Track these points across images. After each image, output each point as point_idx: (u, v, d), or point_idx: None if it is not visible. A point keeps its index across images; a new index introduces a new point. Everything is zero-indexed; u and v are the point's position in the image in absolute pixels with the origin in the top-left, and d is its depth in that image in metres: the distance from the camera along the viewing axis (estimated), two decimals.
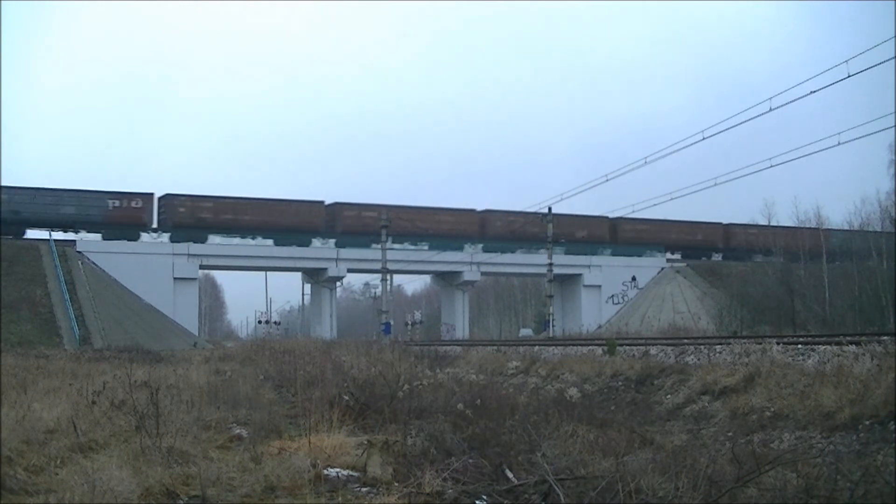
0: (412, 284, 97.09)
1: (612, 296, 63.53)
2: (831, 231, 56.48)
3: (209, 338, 69.73)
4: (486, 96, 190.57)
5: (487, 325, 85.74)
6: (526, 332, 63.31)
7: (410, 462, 7.53)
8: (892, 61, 18.44)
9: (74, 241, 50.55)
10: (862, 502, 5.98)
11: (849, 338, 15.25)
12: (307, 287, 64.41)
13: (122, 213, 51.68)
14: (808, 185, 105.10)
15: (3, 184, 48.11)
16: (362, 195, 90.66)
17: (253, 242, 56.21)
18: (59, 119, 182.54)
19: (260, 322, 64.64)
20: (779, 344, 15.65)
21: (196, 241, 53.38)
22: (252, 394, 13.27)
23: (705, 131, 26.06)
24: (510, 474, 7.08)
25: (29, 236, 51.03)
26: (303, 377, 14.11)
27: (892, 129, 30.38)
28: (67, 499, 5.94)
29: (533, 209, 44.37)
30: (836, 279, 48.85)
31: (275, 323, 66.99)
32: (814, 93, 20.21)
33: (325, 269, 57.63)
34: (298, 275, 64.49)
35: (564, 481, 6.50)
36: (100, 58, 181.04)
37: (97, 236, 51.79)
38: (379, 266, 46.89)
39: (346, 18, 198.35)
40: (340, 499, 6.47)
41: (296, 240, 56.56)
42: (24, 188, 49.80)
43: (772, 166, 27.18)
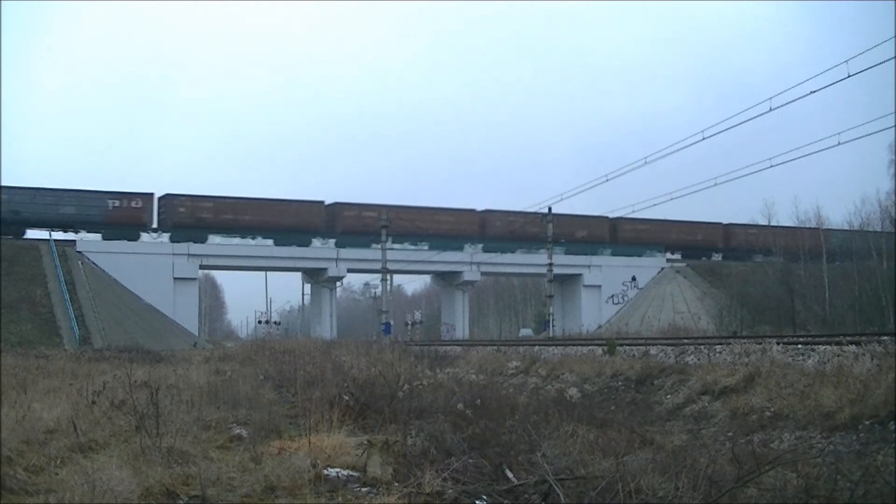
0: (412, 284, 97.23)
1: (612, 296, 63.53)
2: (831, 231, 56.50)
3: (209, 338, 69.71)
4: (486, 96, 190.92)
5: (487, 325, 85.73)
6: (526, 332, 63.30)
7: (410, 462, 7.53)
8: (892, 61, 18.48)
9: (74, 241, 50.53)
10: (862, 502, 5.98)
11: (849, 338, 15.25)
12: (307, 287, 64.44)
13: (122, 214, 51.69)
14: (808, 185, 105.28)
15: (3, 184, 48.19)
16: (362, 195, 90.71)
17: (253, 242, 56.18)
18: (59, 119, 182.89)
19: (260, 322, 64.64)
20: (779, 344, 15.65)
21: (196, 241, 53.38)
22: (252, 394, 13.27)
23: (705, 131, 26.12)
24: (510, 474, 7.07)
25: (29, 236, 51.00)
26: (303, 377, 14.11)
27: (892, 129, 30.40)
28: (67, 499, 5.94)
29: (533, 209, 44.42)
30: (836, 279, 48.85)
31: (275, 323, 66.98)
32: (814, 93, 20.25)
33: (325, 269, 57.61)
34: (298, 275, 64.52)
35: (564, 481, 6.50)
36: (100, 58, 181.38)
37: (97, 236, 51.78)
38: (379, 266, 46.91)
39: (346, 18, 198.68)
40: (340, 499, 6.46)
41: (296, 240, 56.57)
42: (24, 188, 49.83)
43: (772, 166, 27.24)
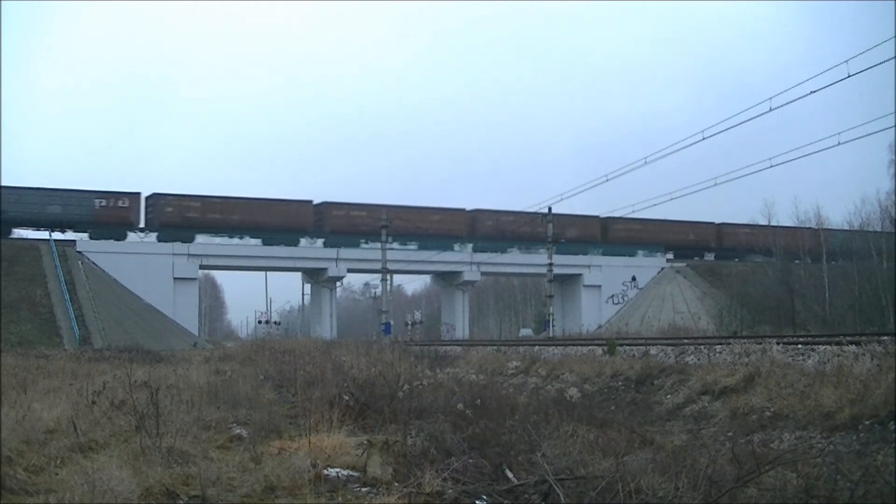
0: (412, 284, 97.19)
1: (612, 296, 63.53)
2: (831, 231, 56.50)
3: (209, 338, 69.72)
4: (486, 96, 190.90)
5: (487, 325, 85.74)
6: (526, 332, 63.30)
7: (410, 462, 7.53)
8: (892, 61, 18.48)
9: (74, 241, 50.44)
10: (862, 502, 5.98)
11: (849, 338, 15.25)
12: (307, 287, 64.43)
13: (108, 213, 51.18)
14: (808, 185, 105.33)
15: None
16: (362, 195, 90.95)
17: (241, 242, 55.78)
18: (59, 119, 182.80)
19: (260, 322, 64.64)
20: (779, 344, 15.65)
21: (184, 241, 52.80)
22: (252, 394, 13.27)
23: (705, 131, 26.13)
24: (510, 474, 7.07)
25: (16, 236, 50.77)
26: (303, 377, 14.11)
27: (892, 129, 30.39)
28: (67, 499, 5.93)
29: (533, 209, 44.43)
30: (836, 279, 48.86)
31: (275, 323, 66.98)
32: (814, 93, 20.27)
33: (325, 269, 57.58)
34: (298, 275, 64.52)
35: (564, 481, 6.50)
36: (100, 58, 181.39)
37: (84, 235, 51.26)
38: (378, 266, 46.91)
39: (346, 18, 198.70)
40: (340, 499, 6.46)
41: (284, 239, 56.10)
42: (9, 188, 48.71)
43: (772, 166, 27.25)
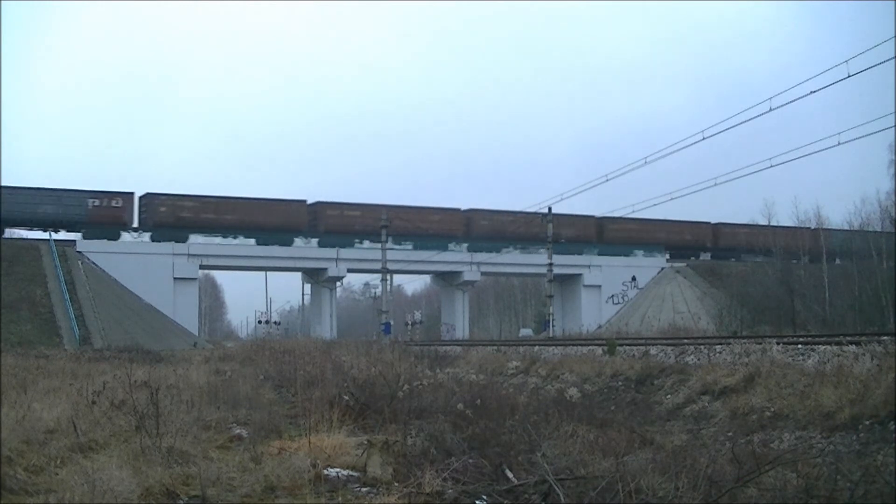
0: (412, 284, 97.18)
1: (612, 296, 63.51)
2: (831, 231, 56.52)
3: (209, 338, 69.72)
4: (486, 96, 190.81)
5: (487, 325, 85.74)
6: (526, 332, 63.29)
7: (410, 462, 7.53)
8: (892, 61, 18.50)
9: (74, 241, 50.42)
10: (862, 502, 5.98)
11: (849, 338, 15.25)
12: (307, 287, 64.42)
13: (102, 213, 51.06)
14: (808, 185, 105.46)
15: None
16: (363, 195, 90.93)
17: (241, 242, 55.68)
18: (59, 119, 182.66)
19: (260, 322, 64.66)
20: (779, 344, 15.65)
21: (178, 241, 52.72)
22: (252, 394, 13.27)
23: (705, 131, 26.16)
24: (510, 474, 7.07)
25: (15, 236, 50.71)
26: (303, 377, 14.10)
27: (892, 129, 30.36)
28: (67, 499, 5.93)
29: (533, 209, 44.45)
30: (836, 279, 48.87)
31: (275, 323, 67.01)
32: (814, 93, 20.29)
33: (325, 269, 57.56)
34: (298, 275, 64.52)
35: (564, 481, 6.50)
36: (100, 58, 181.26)
37: (78, 235, 51.11)
38: (378, 266, 46.89)
39: (346, 18, 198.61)
40: (340, 499, 6.46)
41: (279, 239, 55.96)
42: (2, 187, 47.97)
43: (772, 166, 27.29)
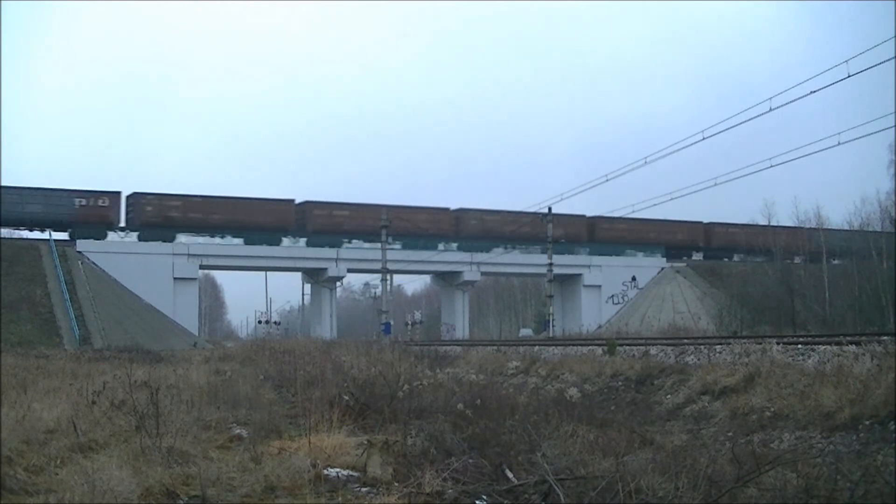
0: (412, 284, 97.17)
1: (612, 296, 63.49)
2: (831, 231, 56.52)
3: (209, 338, 69.71)
4: (486, 96, 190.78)
5: (487, 325, 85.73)
6: (526, 332, 63.27)
7: (410, 462, 7.53)
8: (892, 61, 18.49)
9: (74, 241, 50.46)
10: (862, 502, 5.98)
11: (849, 338, 15.25)
12: (307, 287, 64.40)
13: (89, 212, 50.90)
14: (808, 185, 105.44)
15: None
16: (363, 195, 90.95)
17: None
18: (59, 119, 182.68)
19: (260, 322, 64.66)
20: (779, 344, 15.65)
21: (164, 241, 52.60)
22: (252, 394, 13.27)
23: (705, 131, 26.16)
24: (510, 474, 7.07)
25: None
26: (303, 377, 14.10)
27: (892, 129, 30.42)
28: (67, 499, 5.93)
29: (533, 209, 44.44)
30: (836, 279, 48.86)
31: (275, 323, 67.01)
32: (814, 93, 20.28)
33: (325, 269, 57.52)
34: (298, 275, 64.52)
35: (564, 481, 6.50)
36: (100, 58, 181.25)
37: (65, 235, 50.95)
38: (378, 266, 46.86)
39: (346, 18, 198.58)
40: (340, 499, 6.46)
41: (266, 239, 55.81)
42: None
43: (772, 166, 27.27)
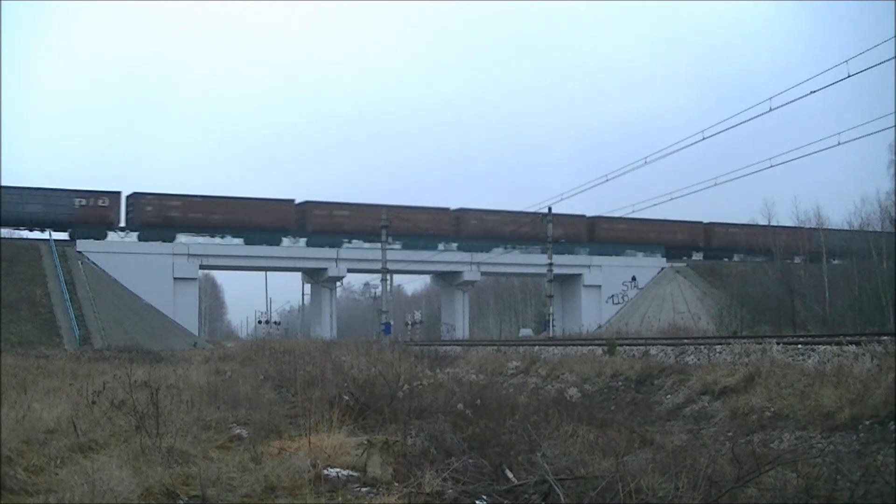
0: (412, 284, 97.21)
1: (612, 296, 63.48)
2: (831, 231, 56.56)
3: (209, 338, 69.71)
4: (486, 96, 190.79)
5: (487, 325, 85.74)
6: (526, 332, 63.27)
7: (410, 462, 7.53)
8: (892, 61, 18.49)
9: (74, 241, 50.45)
10: (862, 502, 5.98)
11: (849, 338, 15.25)
12: (307, 287, 64.39)
13: (88, 212, 50.92)
14: (808, 185, 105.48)
15: None
16: (363, 195, 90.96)
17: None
18: (59, 119, 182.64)
19: (260, 322, 64.66)
20: (779, 344, 15.64)
21: (164, 241, 52.62)
22: (252, 394, 13.27)
23: (705, 131, 26.16)
24: (510, 474, 7.07)
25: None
26: (303, 377, 14.10)
27: (892, 129, 30.41)
28: (67, 499, 5.93)
29: (533, 209, 44.45)
30: (836, 279, 48.87)
31: (275, 323, 67.01)
32: (814, 93, 20.28)
33: (325, 269, 57.51)
34: (298, 275, 64.51)
35: (564, 481, 6.50)
36: (100, 58, 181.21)
37: (64, 235, 50.93)
38: (378, 266, 46.86)
39: (346, 18, 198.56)
40: (340, 499, 6.46)
41: (266, 239, 55.79)
42: None
43: (772, 166, 27.27)
